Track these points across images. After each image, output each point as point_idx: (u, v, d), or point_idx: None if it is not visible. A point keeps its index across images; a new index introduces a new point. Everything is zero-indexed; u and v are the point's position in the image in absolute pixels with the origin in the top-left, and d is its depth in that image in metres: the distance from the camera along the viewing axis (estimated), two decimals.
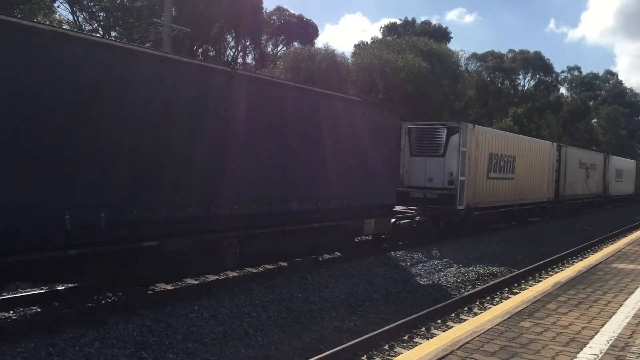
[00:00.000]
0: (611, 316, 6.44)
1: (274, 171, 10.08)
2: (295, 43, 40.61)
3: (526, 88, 61.26)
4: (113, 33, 31.10)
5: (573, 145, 33.79)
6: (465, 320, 8.36)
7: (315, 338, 7.90)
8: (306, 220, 10.89)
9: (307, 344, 7.64)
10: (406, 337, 7.92)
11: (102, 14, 31.74)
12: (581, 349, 5.19)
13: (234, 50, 41.14)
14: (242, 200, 9.41)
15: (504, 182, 19.93)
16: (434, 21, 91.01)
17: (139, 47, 9.30)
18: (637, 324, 6.10)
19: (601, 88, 77.23)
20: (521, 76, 61.08)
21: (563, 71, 74.17)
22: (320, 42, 63.04)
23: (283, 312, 8.82)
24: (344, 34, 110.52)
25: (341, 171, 11.65)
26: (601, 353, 5.08)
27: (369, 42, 44.50)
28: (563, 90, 70.83)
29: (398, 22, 55.79)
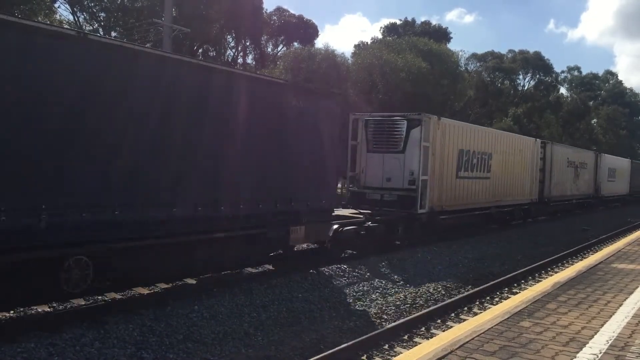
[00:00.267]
0: (611, 316, 6.45)
1: (149, 165, 7.97)
2: (295, 43, 40.60)
3: (526, 88, 61.34)
4: (113, 33, 31.11)
5: (560, 142, 31.97)
6: (465, 320, 8.37)
7: (315, 338, 7.90)
8: (202, 229, 8.77)
9: (307, 344, 7.64)
10: (406, 337, 7.93)
11: (103, 14, 31.76)
12: (581, 349, 5.20)
13: (234, 50, 41.18)
14: (86, 205, 7.13)
15: (478, 182, 18.05)
16: (434, 21, 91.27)
17: None
18: (637, 324, 6.11)
19: (601, 88, 77.29)
20: (521, 76, 61.21)
21: (563, 71, 74.38)
22: (320, 43, 63.06)
23: (283, 312, 8.83)
24: (344, 34, 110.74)
25: (256, 169, 9.72)
26: (601, 353, 5.09)
27: (369, 42, 44.55)
28: (563, 90, 71.00)
29: (398, 23, 55.91)
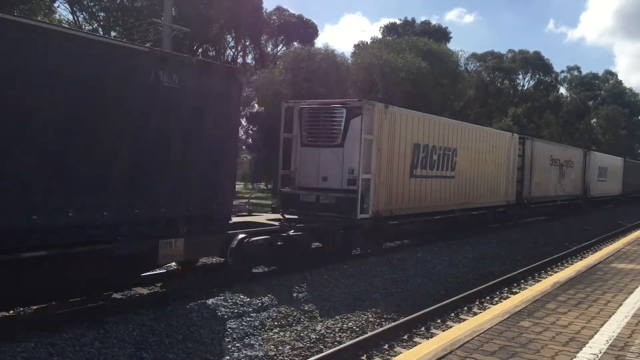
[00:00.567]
0: (610, 316, 6.46)
1: None
2: (295, 43, 40.62)
3: (526, 88, 61.43)
4: (113, 33, 31.12)
5: (540, 138, 29.19)
6: (464, 320, 8.36)
7: (315, 338, 7.90)
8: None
9: (307, 344, 7.65)
10: (406, 337, 7.93)
11: (102, 14, 31.77)
12: (581, 349, 5.20)
13: (234, 50, 41.18)
14: None
15: (439, 182, 15.73)
16: (434, 21, 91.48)
17: None
18: (637, 324, 6.11)
19: (601, 88, 77.37)
20: (521, 76, 61.34)
21: (562, 71, 74.51)
22: (320, 42, 63.26)
23: (283, 312, 8.83)
24: (344, 34, 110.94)
25: (105, 164, 7.38)
26: (600, 353, 5.09)
27: (369, 42, 44.62)
28: (562, 90, 71.13)
29: (398, 22, 56.01)
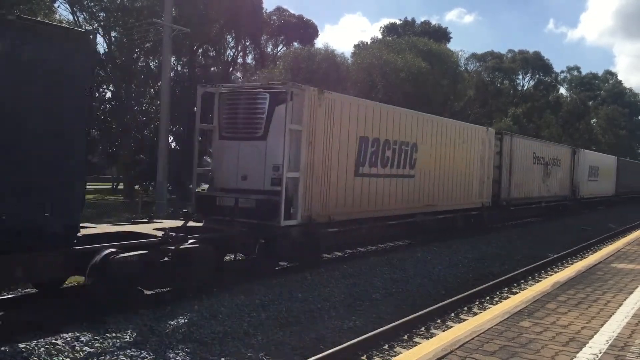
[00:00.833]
0: (610, 316, 6.46)
1: None
2: (295, 43, 40.61)
3: (525, 88, 61.46)
4: (113, 33, 31.12)
5: (522, 135, 27.06)
6: (464, 320, 8.36)
7: (315, 338, 7.90)
8: None
9: (307, 344, 7.64)
10: (406, 337, 7.93)
11: (102, 14, 31.72)
12: (581, 349, 5.20)
13: (234, 50, 41.17)
14: None
15: (394, 182, 13.58)
16: (434, 21, 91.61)
17: None
18: (637, 324, 6.11)
19: (600, 88, 77.41)
20: (520, 76, 61.39)
21: (562, 71, 74.56)
22: (320, 42, 63.21)
23: (283, 312, 8.82)
24: (344, 34, 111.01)
25: None
26: (601, 353, 5.09)
27: (369, 42, 44.66)
28: (562, 90, 71.18)
29: (398, 22, 56.07)
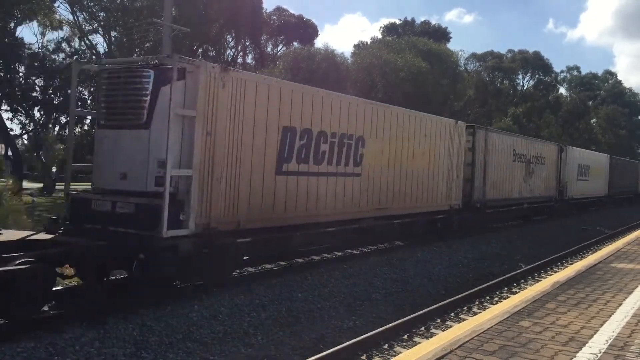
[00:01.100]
0: (610, 315, 6.46)
1: None
2: (295, 43, 40.65)
3: (525, 88, 61.50)
4: (113, 33, 31.12)
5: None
6: (464, 319, 8.36)
7: (315, 338, 7.90)
8: None
9: (307, 344, 7.64)
10: (406, 337, 7.93)
11: (102, 14, 31.74)
12: (580, 349, 5.20)
13: (234, 50, 41.18)
14: None
15: (334, 182, 11.35)
16: (434, 21, 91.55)
17: None
18: (636, 324, 6.11)
19: (600, 88, 77.45)
20: (520, 76, 61.42)
21: (562, 71, 74.64)
22: (320, 42, 63.24)
23: (283, 312, 8.82)
24: (344, 34, 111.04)
25: None
26: (600, 352, 5.09)
27: (369, 42, 44.69)
28: (562, 90, 71.23)
29: (397, 22, 56.09)
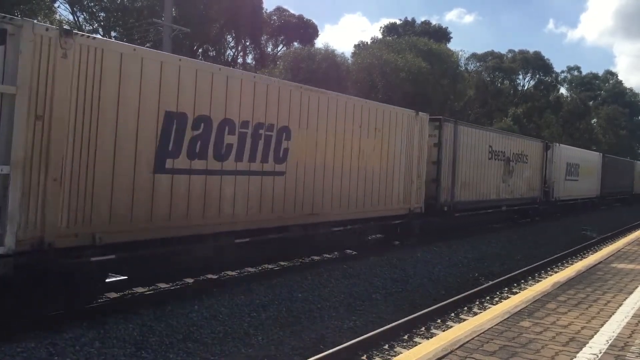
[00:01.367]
0: (610, 316, 6.45)
1: None
2: (295, 43, 40.63)
3: (526, 88, 61.44)
4: (113, 33, 31.12)
5: (472, 124, 22.72)
6: (465, 320, 8.37)
7: (315, 338, 7.90)
8: None
9: (307, 344, 7.64)
10: (406, 337, 7.93)
11: (102, 14, 31.76)
12: (581, 349, 5.20)
13: (234, 50, 41.18)
14: None
15: (244, 183, 9.55)
16: (434, 21, 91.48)
17: None
18: (637, 324, 6.11)
19: (601, 88, 77.46)
20: (521, 76, 61.36)
21: (563, 71, 74.67)
22: (320, 42, 63.15)
23: (283, 312, 8.82)
24: (344, 34, 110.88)
25: None
26: (601, 353, 5.09)
27: (369, 42, 44.65)
28: (563, 90, 71.20)
29: (398, 22, 56.02)
